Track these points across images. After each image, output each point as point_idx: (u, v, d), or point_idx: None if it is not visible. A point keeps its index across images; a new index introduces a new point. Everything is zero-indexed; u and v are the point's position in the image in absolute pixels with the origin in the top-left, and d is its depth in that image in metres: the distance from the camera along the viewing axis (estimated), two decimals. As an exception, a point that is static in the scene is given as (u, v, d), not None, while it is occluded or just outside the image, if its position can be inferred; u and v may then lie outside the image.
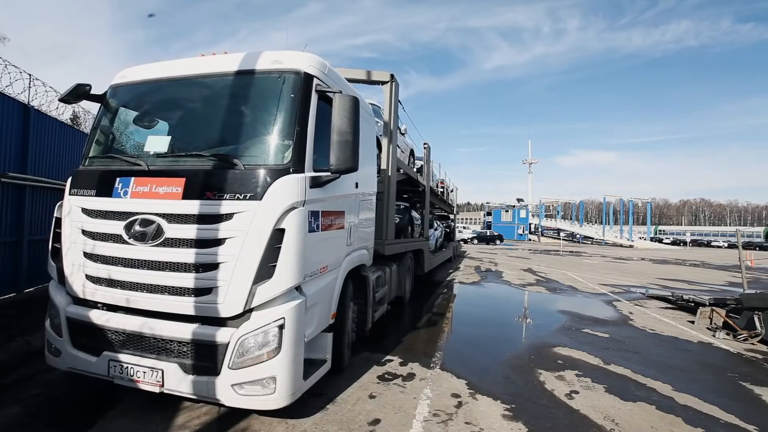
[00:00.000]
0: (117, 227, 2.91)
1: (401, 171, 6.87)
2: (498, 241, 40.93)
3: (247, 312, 2.73)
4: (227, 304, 2.71)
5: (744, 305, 5.86)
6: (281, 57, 3.19)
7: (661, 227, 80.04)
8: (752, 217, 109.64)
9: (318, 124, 3.13)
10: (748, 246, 44.74)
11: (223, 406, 2.93)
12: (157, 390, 2.75)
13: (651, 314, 7.34)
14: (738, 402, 3.60)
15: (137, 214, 2.87)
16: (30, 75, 6.18)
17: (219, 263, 2.73)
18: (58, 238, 3.22)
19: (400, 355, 4.52)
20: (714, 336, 5.83)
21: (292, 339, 2.76)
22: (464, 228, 45.92)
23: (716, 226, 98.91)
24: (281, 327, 2.72)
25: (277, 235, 2.74)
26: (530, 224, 57.55)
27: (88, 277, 3.02)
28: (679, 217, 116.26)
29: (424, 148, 9.59)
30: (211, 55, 3.45)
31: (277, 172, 2.82)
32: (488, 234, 42.05)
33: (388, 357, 4.45)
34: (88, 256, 3.03)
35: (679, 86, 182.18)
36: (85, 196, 3.10)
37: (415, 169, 8.96)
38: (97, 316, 2.96)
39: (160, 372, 2.75)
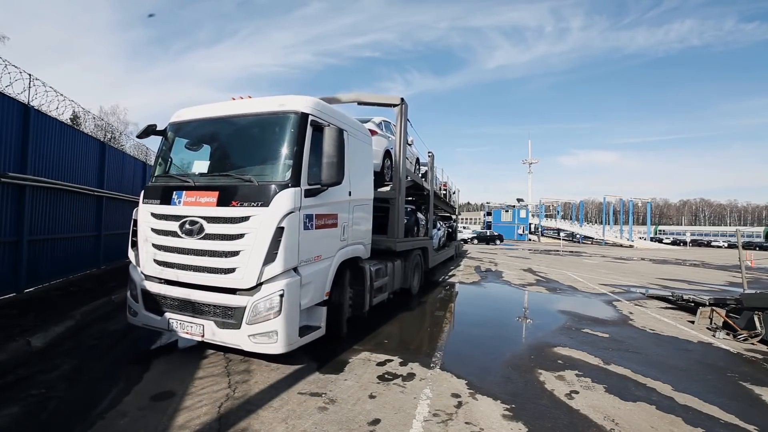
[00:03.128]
0: (174, 226, 4.00)
1: (408, 178, 7.65)
2: (498, 241, 40.87)
3: (258, 285, 3.72)
4: (245, 279, 3.72)
5: (744, 305, 5.85)
6: (285, 101, 4.22)
7: (661, 227, 79.99)
8: (752, 217, 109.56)
9: (313, 149, 4.10)
10: (748, 246, 44.72)
11: (243, 351, 3.88)
12: (199, 339, 3.86)
13: (651, 314, 7.34)
14: (738, 402, 3.60)
15: (187, 216, 3.95)
16: (30, 75, 6.18)
17: (240, 251, 3.74)
18: (135, 233, 4.41)
19: (400, 355, 4.52)
20: (714, 336, 5.83)
21: (289, 305, 3.73)
22: (464, 228, 45.87)
23: (716, 226, 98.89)
24: (281, 296, 3.69)
25: (280, 231, 3.70)
26: (530, 224, 57.49)
27: (154, 261, 4.14)
28: (679, 217, 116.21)
29: (429, 156, 10.45)
30: (239, 99, 4.63)
31: (280, 187, 3.80)
32: (488, 234, 41.98)
33: (388, 357, 4.45)
34: (154, 246, 4.15)
35: (681, 86, 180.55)
36: (153, 204, 4.23)
37: (420, 175, 9.72)
38: (161, 288, 4.09)
39: (201, 326, 3.83)
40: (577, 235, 54.73)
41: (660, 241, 54.08)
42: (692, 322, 6.63)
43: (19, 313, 5.09)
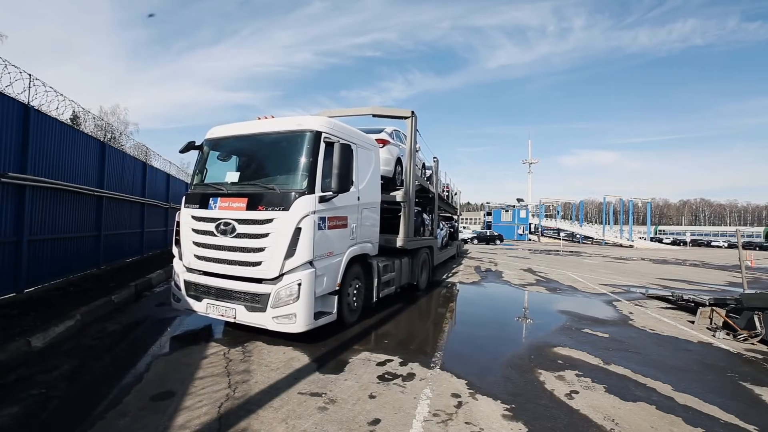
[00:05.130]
0: (210, 226, 4.74)
1: (417, 183, 8.33)
2: (498, 241, 40.86)
3: (280, 276, 4.43)
4: (270, 271, 4.44)
5: (744, 305, 5.85)
6: (303, 121, 4.96)
7: (661, 227, 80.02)
8: (752, 217, 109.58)
9: (326, 162, 4.74)
10: (748, 246, 44.71)
11: (267, 330, 4.54)
12: (232, 320, 4.59)
13: (651, 314, 7.34)
14: (738, 402, 3.60)
15: (221, 219, 4.68)
16: (30, 75, 6.18)
17: (265, 247, 4.46)
18: (177, 233, 5.14)
19: (400, 355, 4.52)
20: (714, 336, 5.83)
21: (306, 292, 4.43)
22: (464, 228, 45.86)
23: (716, 226, 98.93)
24: (299, 284, 4.40)
25: (298, 231, 4.41)
26: (530, 224, 57.48)
27: (195, 255, 4.90)
28: (679, 217, 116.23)
29: (434, 161, 11.27)
30: (264, 118, 5.32)
31: (298, 194, 4.49)
32: (488, 234, 41.96)
33: (388, 357, 4.45)
34: (195, 243, 4.91)
35: (683, 85, 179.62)
36: (193, 208, 4.98)
37: (425, 178, 10.45)
38: (200, 279, 4.86)
39: (234, 310, 4.56)
40: (577, 235, 54.71)
41: (660, 241, 54.07)
42: (692, 322, 6.63)
43: (19, 313, 5.09)
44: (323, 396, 3.40)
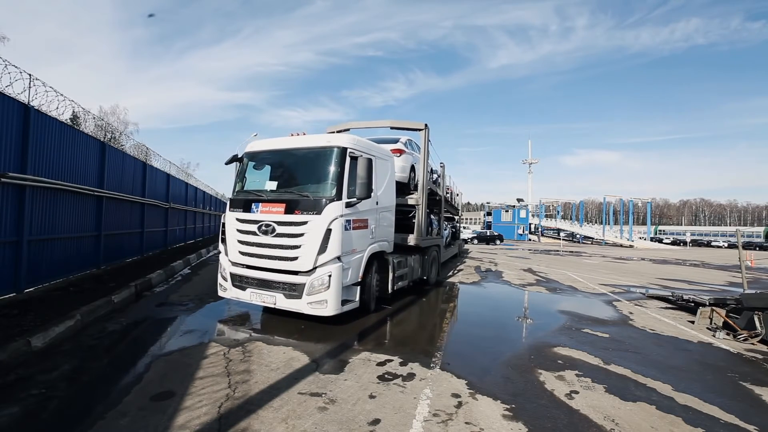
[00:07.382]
0: (253, 227, 5.54)
1: (427, 188, 9.13)
2: (498, 241, 40.85)
3: (314, 269, 5.19)
4: (305, 265, 5.21)
5: (744, 305, 5.86)
6: (331, 138, 5.82)
7: (661, 227, 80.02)
8: (752, 217, 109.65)
9: (351, 173, 5.55)
10: (748, 246, 44.71)
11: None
12: (273, 306, 5.38)
13: (651, 314, 7.34)
14: (738, 402, 3.60)
15: (263, 221, 5.48)
16: (30, 75, 6.18)
17: (301, 245, 5.24)
18: (223, 233, 5.92)
19: (400, 355, 4.52)
20: (714, 336, 5.84)
21: (335, 282, 5.18)
22: (465, 228, 45.85)
23: (716, 226, 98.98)
24: (330, 276, 5.15)
25: (329, 232, 5.18)
26: (530, 224, 57.46)
27: (239, 252, 5.69)
28: (679, 217, 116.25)
29: (441, 166, 12.12)
30: (296, 135, 6.16)
31: (329, 200, 5.29)
32: (488, 234, 41.93)
33: (388, 357, 4.45)
34: (239, 241, 5.70)
35: (685, 85, 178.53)
36: (238, 211, 5.79)
37: (431, 181, 10.99)
38: (244, 271, 5.64)
39: (275, 297, 5.35)
40: (577, 235, 54.69)
41: (660, 241, 54.05)
42: (692, 322, 6.63)
43: (19, 313, 5.09)
44: (323, 396, 3.40)
